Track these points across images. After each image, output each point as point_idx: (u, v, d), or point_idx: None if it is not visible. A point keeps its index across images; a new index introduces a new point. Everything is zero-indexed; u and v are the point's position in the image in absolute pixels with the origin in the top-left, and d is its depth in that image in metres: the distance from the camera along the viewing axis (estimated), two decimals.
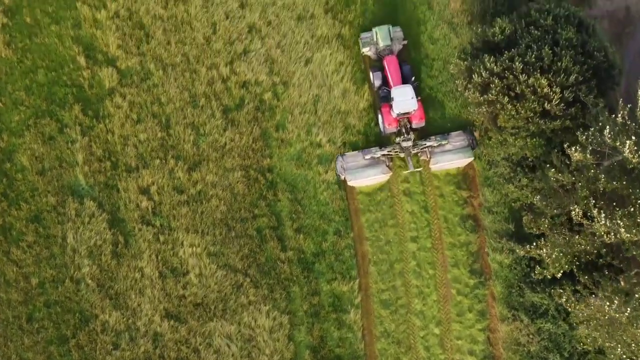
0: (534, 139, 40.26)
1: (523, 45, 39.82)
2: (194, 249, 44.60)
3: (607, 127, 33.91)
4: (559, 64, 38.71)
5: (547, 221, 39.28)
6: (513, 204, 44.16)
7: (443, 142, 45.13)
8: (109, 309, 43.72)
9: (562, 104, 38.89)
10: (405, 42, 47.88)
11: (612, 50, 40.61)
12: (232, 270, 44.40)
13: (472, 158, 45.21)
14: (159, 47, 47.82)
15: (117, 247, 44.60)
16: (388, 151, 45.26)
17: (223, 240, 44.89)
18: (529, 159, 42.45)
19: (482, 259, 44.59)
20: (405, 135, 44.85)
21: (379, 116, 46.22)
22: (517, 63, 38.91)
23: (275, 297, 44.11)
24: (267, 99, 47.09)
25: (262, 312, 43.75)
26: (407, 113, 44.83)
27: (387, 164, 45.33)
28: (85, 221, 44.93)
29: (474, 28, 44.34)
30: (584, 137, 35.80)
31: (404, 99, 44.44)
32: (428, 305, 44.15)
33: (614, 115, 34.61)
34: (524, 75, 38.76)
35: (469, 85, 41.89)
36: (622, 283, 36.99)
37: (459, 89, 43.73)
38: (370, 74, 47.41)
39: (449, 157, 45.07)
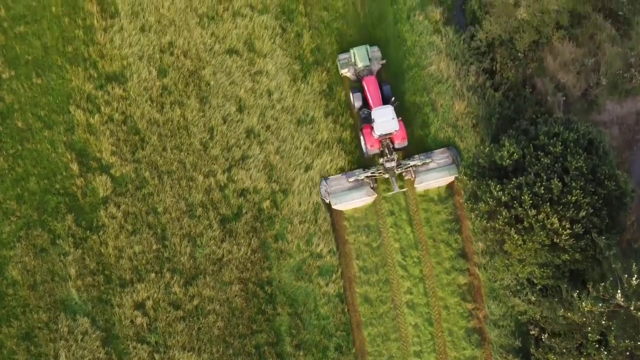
0: (542, 269, 38.82)
1: (532, 174, 38.30)
2: None
3: (619, 291, 32.64)
4: (569, 197, 37.21)
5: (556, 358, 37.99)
6: (520, 317, 43.02)
7: (427, 161, 44.90)
8: None
9: (572, 239, 37.43)
10: (384, 61, 47.32)
11: (624, 177, 39.09)
12: None
13: (457, 175, 44.49)
14: (155, 154, 46.32)
15: None
16: (372, 173, 44.92)
17: (220, 358, 43.44)
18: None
19: None
20: (389, 156, 44.47)
21: (361, 138, 45.75)
22: (525, 196, 37.42)
23: None
24: (266, 207, 45.62)
25: None
26: (389, 134, 44.56)
27: (372, 185, 44.90)
28: (78, 339, 43.45)
29: (482, 147, 42.83)
30: (595, 290, 34.47)
31: (384, 120, 44.36)
32: None
33: (627, 276, 33.15)
34: (532, 209, 37.25)
35: (475, 207, 40.48)
36: None
37: (465, 210, 42.36)
38: (350, 95, 46.82)
39: (434, 176, 44.90)
